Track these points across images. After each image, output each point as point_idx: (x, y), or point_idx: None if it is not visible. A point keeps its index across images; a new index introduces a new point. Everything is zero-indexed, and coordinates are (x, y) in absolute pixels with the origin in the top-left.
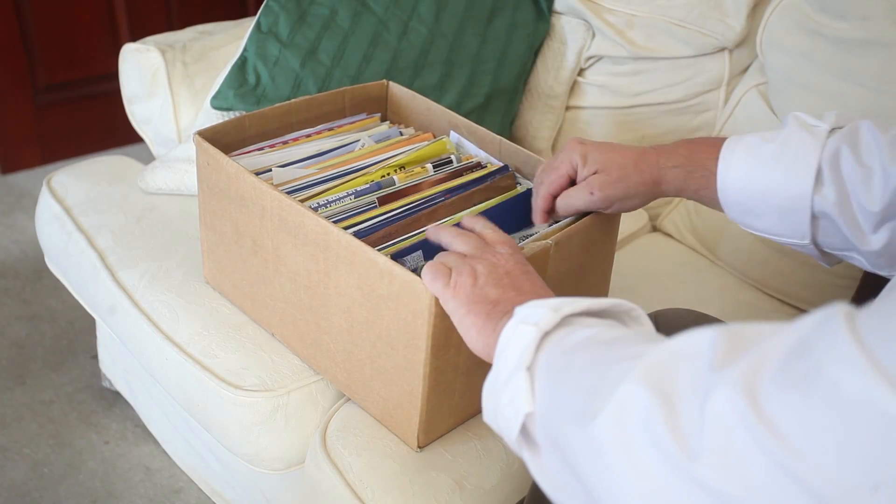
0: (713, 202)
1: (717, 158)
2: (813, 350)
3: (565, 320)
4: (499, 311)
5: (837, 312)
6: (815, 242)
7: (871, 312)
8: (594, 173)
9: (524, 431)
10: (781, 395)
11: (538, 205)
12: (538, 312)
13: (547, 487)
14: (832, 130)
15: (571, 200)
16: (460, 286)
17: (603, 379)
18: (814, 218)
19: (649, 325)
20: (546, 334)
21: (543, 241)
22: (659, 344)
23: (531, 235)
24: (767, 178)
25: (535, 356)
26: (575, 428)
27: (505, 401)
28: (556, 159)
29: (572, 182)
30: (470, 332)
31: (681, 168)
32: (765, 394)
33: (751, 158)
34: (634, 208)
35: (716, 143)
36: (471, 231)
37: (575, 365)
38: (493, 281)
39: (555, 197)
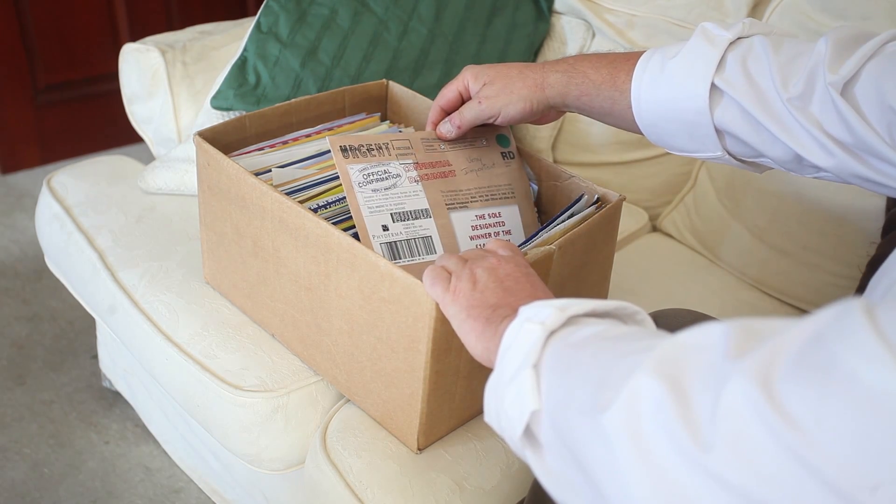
0: (595, 111)
1: (599, 68)
2: (830, 341)
3: (570, 320)
4: (498, 316)
5: (855, 305)
6: (728, 153)
7: (890, 305)
8: (483, 86)
9: (527, 431)
10: (797, 386)
11: (430, 116)
12: (544, 311)
13: (551, 487)
14: (737, 40)
15: (464, 113)
16: (460, 291)
17: (613, 371)
18: (718, 131)
19: (653, 328)
20: (551, 333)
21: (547, 247)
22: (669, 337)
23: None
24: (669, 95)
25: (541, 354)
26: (584, 421)
27: (509, 400)
28: (453, 80)
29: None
30: (469, 336)
31: (562, 73)
32: (780, 384)
33: (654, 76)
34: (526, 115)
35: (608, 57)
36: None
37: (583, 359)
38: (492, 285)
39: (446, 112)
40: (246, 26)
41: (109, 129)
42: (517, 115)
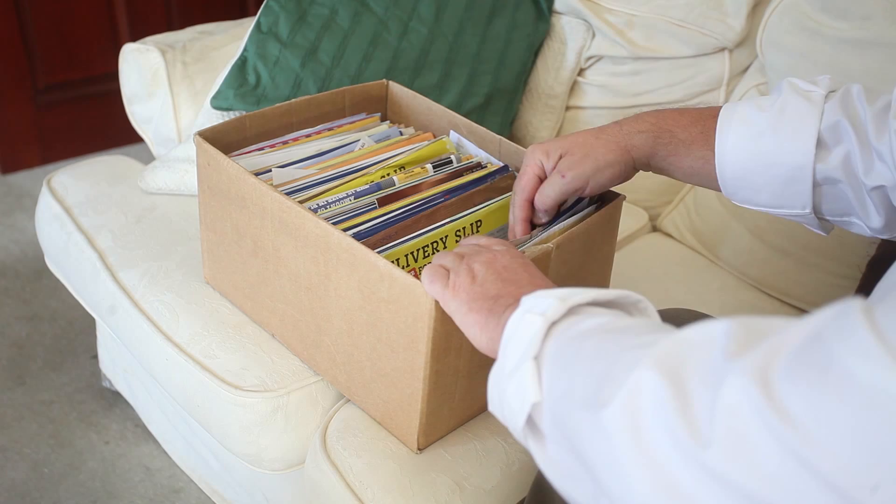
0: (681, 171)
1: (686, 126)
2: (828, 341)
3: (572, 310)
4: (500, 306)
5: (854, 305)
6: (815, 211)
7: (889, 306)
8: (560, 159)
9: (529, 421)
10: (795, 385)
11: (516, 215)
12: (545, 302)
13: (553, 477)
14: (827, 94)
15: (546, 191)
16: (459, 285)
17: (615, 365)
18: (816, 186)
19: (656, 318)
20: (553, 324)
21: (544, 245)
22: (672, 332)
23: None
24: (767, 149)
25: (542, 346)
26: (585, 415)
27: (511, 391)
28: (522, 167)
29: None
30: (473, 329)
31: (647, 133)
32: (778, 383)
33: (747, 130)
34: (615, 180)
35: (691, 114)
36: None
37: (585, 352)
38: (492, 277)
39: (530, 202)
40: (246, 26)
41: (109, 129)
42: (607, 182)
